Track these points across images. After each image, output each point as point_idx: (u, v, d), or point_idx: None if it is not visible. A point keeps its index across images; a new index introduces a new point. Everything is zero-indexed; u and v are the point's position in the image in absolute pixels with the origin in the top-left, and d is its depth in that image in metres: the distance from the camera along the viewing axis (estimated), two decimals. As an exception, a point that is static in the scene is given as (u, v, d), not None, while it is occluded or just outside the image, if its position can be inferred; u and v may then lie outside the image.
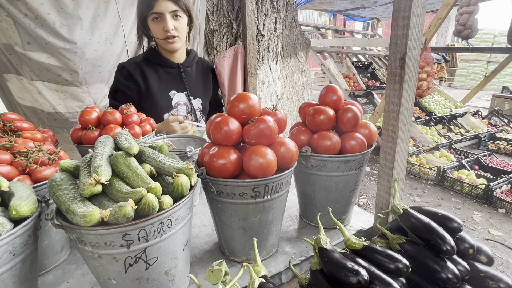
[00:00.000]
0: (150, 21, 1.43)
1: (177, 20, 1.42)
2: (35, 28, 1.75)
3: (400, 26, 0.87)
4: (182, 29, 1.45)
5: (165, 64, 1.54)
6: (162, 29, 1.40)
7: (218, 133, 0.83)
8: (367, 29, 12.73)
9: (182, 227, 0.73)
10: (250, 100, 0.86)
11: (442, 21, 3.45)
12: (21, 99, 1.95)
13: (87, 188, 0.63)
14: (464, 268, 0.75)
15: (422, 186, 3.66)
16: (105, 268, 0.66)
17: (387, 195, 1.02)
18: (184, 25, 1.46)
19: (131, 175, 0.68)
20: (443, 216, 0.83)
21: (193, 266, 0.92)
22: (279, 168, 0.86)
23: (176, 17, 1.41)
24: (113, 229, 0.61)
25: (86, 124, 1.19)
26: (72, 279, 0.88)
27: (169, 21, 1.38)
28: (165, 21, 1.38)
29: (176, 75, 1.56)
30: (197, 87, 1.64)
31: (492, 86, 9.38)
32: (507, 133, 4.97)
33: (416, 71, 0.91)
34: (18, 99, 1.95)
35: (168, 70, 1.55)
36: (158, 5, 1.36)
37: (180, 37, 1.46)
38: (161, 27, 1.40)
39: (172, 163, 0.74)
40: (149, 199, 0.61)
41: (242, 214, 0.85)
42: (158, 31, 1.42)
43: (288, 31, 3.58)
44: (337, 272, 0.68)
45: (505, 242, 2.59)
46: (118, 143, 0.75)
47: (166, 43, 1.44)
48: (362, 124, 1.06)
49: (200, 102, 1.64)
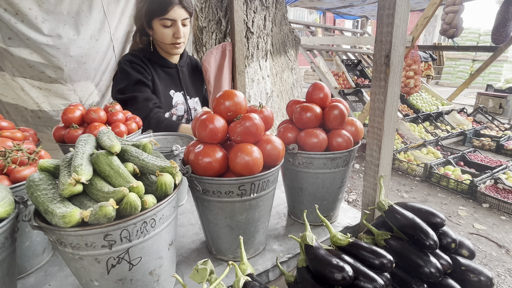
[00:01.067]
0: (158, 24, 1.41)
1: (185, 27, 1.43)
2: (15, 24, 1.70)
3: (384, 24, 0.87)
4: (187, 35, 1.47)
5: (164, 64, 1.54)
6: (172, 35, 1.40)
7: (203, 131, 0.82)
8: (357, 28, 12.85)
9: (166, 227, 0.71)
10: (236, 98, 0.85)
11: (429, 20, 3.50)
12: (3, 95, 1.89)
13: (66, 188, 0.61)
14: (446, 262, 0.76)
15: (410, 182, 3.72)
16: (86, 270, 0.65)
17: (373, 192, 1.03)
18: (189, 30, 1.47)
19: (113, 174, 0.66)
20: (427, 211, 0.85)
21: (179, 265, 0.91)
22: (266, 165, 0.86)
23: (184, 25, 1.42)
24: (94, 229, 0.59)
25: (69, 123, 1.16)
26: (55, 281, 0.86)
27: (181, 29, 1.39)
28: (178, 29, 1.38)
29: (174, 75, 1.57)
30: (192, 87, 1.65)
31: (477, 84, 9.61)
32: (491, 129, 5.11)
33: (401, 68, 0.92)
34: (1, 96, 1.89)
35: (166, 70, 1.56)
36: (172, 11, 1.34)
37: (185, 42, 1.48)
38: (171, 33, 1.40)
39: (156, 161, 0.72)
40: (131, 198, 0.60)
41: (229, 213, 0.84)
42: (166, 36, 1.41)
43: (277, 28, 3.58)
44: (322, 268, 0.68)
45: (488, 236, 2.66)
46: (100, 142, 0.73)
47: (172, 48, 1.45)
48: (348, 122, 1.07)
49: (194, 101, 1.65)
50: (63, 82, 1.95)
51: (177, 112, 1.58)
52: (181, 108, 1.58)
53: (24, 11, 1.69)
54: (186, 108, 1.61)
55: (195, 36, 2.79)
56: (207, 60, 1.71)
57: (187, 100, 1.61)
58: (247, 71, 2.83)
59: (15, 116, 1.96)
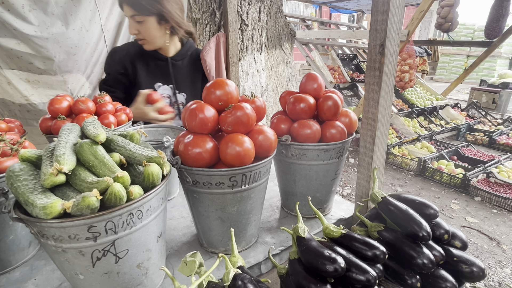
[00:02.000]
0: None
1: (139, 24, 1.38)
2: (1, 13, 1.64)
3: (380, 12, 0.85)
4: (147, 31, 1.40)
5: (155, 56, 1.54)
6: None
7: (193, 121, 0.79)
8: (353, 22, 12.81)
9: (154, 219, 0.69)
10: (227, 87, 0.83)
11: (424, 14, 3.49)
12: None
13: (48, 178, 0.58)
14: (439, 253, 0.76)
15: (404, 176, 3.75)
16: (71, 263, 0.63)
17: (367, 184, 1.02)
18: (148, 27, 1.39)
19: (98, 164, 0.64)
20: (420, 203, 0.84)
21: (170, 258, 0.89)
22: (258, 157, 0.84)
23: (137, 21, 1.37)
24: (76, 221, 0.57)
25: (56, 113, 1.13)
26: (41, 276, 0.84)
27: (131, 25, 1.39)
28: (129, 25, 1.39)
29: (163, 68, 1.56)
30: (185, 81, 1.62)
31: (471, 80, 9.67)
32: (484, 124, 5.15)
33: (396, 58, 0.90)
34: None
35: (157, 63, 1.55)
36: (124, 9, 1.38)
37: (148, 39, 1.43)
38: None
39: (143, 151, 0.70)
40: (115, 188, 0.58)
41: (220, 205, 0.83)
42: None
43: (273, 21, 3.53)
44: (314, 260, 0.67)
45: (480, 229, 2.69)
46: (85, 131, 0.70)
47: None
48: (342, 113, 1.05)
49: (184, 97, 1.62)
50: (53, 74, 1.90)
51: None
52: (166, 101, 1.56)
53: (11, 0, 1.63)
54: (174, 102, 1.59)
55: (189, 28, 2.74)
56: (208, 55, 1.67)
57: (176, 94, 1.59)
58: (241, 64, 2.80)
59: (2, 111, 1.91)
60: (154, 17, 1.39)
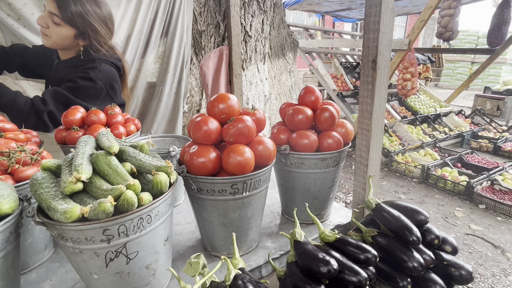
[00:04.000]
0: None
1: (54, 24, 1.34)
2: (18, 29, 1.74)
3: (371, 30, 0.92)
4: (54, 33, 1.36)
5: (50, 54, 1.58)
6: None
7: (198, 133, 0.86)
8: (356, 30, 12.93)
9: (162, 223, 0.75)
10: (229, 101, 0.89)
11: (425, 23, 3.55)
12: None
13: (67, 186, 0.65)
14: (429, 257, 0.80)
15: (408, 183, 3.76)
16: (86, 263, 0.69)
17: (363, 191, 1.07)
18: (60, 33, 1.36)
19: (111, 173, 0.70)
20: (412, 209, 0.89)
21: (175, 261, 0.95)
22: (258, 165, 0.90)
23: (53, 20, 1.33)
24: (93, 224, 0.63)
25: (70, 125, 1.21)
26: (56, 277, 0.90)
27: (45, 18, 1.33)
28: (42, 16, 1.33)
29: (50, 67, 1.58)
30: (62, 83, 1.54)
31: (476, 86, 9.65)
32: (489, 131, 5.14)
33: (387, 72, 0.96)
34: None
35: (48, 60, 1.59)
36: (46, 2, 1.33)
37: (51, 38, 1.38)
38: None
39: (152, 161, 0.76)
40: (128, 195, 0.64)
41: (222, 210, 0.88)
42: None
43: (276, 32, 3.63)
44: (309, 262, 0.72)
45: (484, 236, 2.69)
46: (99, 143, 0.77)
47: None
48: (339, 123, 1.11)
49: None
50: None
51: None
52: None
53: (27, 16, 1.74)
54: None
55: (194, 39, 2.84)
56: (205, 64, 1.75)
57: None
58: (245, 74, 2.88)
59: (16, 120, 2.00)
60: (74, 30, 1.36)
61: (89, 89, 1.39)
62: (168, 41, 2.25)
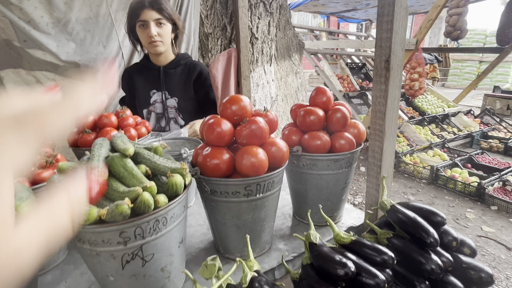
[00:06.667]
0: (137, 28, 1.59)
1: (160, 27, 1.56)
2: (29, 31, 1.80)
3: (384, 30, 0.91)
4: (165, 35, 1.59)
5: (149, 66, 1.73)
6: (147, 35, 1.56)
7: (211, 134, 0.86)
8: (361, 31, 12.87)
9: (177, 225, 0.75)
10: (242, 102, 0.89)
11: (433, 23, 3.52)
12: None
13: (84, 188, 0.65)
14: (447, 259, 0.78)
15: (416, 185, 3.71)
16: (103, 265, 0.69)
17: (376, 192, 1.05)
18: (167, 31, 1.60)
19: (127, 175, 0.71)
20: (428, 210, 0.87)
21: (188, 263, 0.95)
22: (271, 167, 0.90)
23: (160, 24, 1.56)
24: (110, 227, 0.63)
25: (82, 127, 1.22)
26: (71, 279, 0.91)
27: (153, 28, 1.54)
28: (149, 28, 1.54)
29: (156, 76, 1.72)
30: (177, 87, 1.75)
31: (485, 86, 9.51)
32: (499, 131, 5.06)
33: (401, 72, 0.95)
34: None
35: (151, 72, 1.73)
36: (143, 14, 1.52)
37: (164, 42, 1.60)
38: (146, 33, 1.56)
39: (167, 163, 0.76)
40: (145, 197, 0.64)
41: (236, 212, 0.88)
42: (143, 37, 1.59)
43: (282, 33, 3.63)
44: (326, 265, 0.71)
45: (497, 238, 2.64)
46: (114, 145, 0.78)
47: (150, 46, 1.60)
48: (351, 124, 1.10)
49: (176, 101, 1.75)
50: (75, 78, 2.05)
51: (155, 109, 1.76)
52: (159, 106, 1.74)
53: (37, 19, 1.79)
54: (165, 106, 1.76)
55: (201, 42, 2.85)
56: (214, 67, 1.76)
57: (166, 99, 1.75)
58: (252, 75, 2.88)
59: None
60: (171, 24, 1.61)
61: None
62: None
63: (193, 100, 1.77)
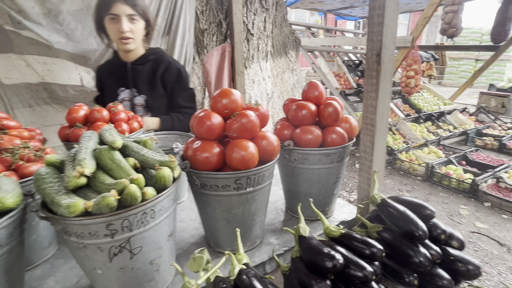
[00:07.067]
0: (107, 21, 1.48)
1: (133, 23, 1.47)
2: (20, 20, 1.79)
3: (375, 24, 0.91)
4: (137, 32, 1.51)
5: (117, 63, 1.65)
6: (117, 30, 1.46)
7: (201, 128, 0.85)
8: (358, 28, 12.87)
9: (166, 218, 0.75)
10: (233, 96, 0.89)
11: (429, 20, 3.52)
12: (7, 78, 1.96)
13: (71, 180, 0.65)
14: (436, 252, 0.79)
15: (412, 182, 3.73)
16: (90, 258, 0.68)
17: (367, 187, 1.06)
18: (139, 28, 1.52)
19: (115, 167, 0.70)
20: (418, 204, 0.88)
21: (179, 258, 0.94)
22: (262, 161, 0.89)
23: (132, 20, 1.47)
24: (96, 219, 0.63)
25: (74, 122, 1.21)
26: (60, 273, 0.90)
27: (125, 24, 1.44)
28: (120, 23, 1.43)
29: (124, 73, 1.64)
30: (145, 84, 1.66)
31: (480, 84, 9.56)
32: (494, 129, 5.09)
33: (392, 66, 0.95)
34: (5, 80, 1.96)
35: (119, 69, 1.64)
36: (115, 7, 1.43)
37: (135, 39, 1.51)
38: (116, 28, 1.46)
39: (156, 156, 0.76)
40: (132, 189, 0.64)
41: (226, 206, 0.88)
42: (113, 31, 1.49)
43: (278, 30, 3.62)
44: (314, 257, 0.71)
45: (489, 234, 2.66)
46: (103, 138, 0.77)
47: (120, 43, 1.51)
48: (343, 119, 1.10)
49: (144, 98, 1.66)
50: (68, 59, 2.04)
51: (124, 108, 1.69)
52: (126, 104, 1.66)
53: (27, 10, 1.78)
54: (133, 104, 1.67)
55: (197, 38, 2.84)
56: (208, 62, 1.74)
57: (134, 97, 1.66)
58: (247, 72, 2.87)
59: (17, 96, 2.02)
60: (144, 21, 1.53)
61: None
62: (170, 40, 2.25)
63: (163, 97, 1.67)
